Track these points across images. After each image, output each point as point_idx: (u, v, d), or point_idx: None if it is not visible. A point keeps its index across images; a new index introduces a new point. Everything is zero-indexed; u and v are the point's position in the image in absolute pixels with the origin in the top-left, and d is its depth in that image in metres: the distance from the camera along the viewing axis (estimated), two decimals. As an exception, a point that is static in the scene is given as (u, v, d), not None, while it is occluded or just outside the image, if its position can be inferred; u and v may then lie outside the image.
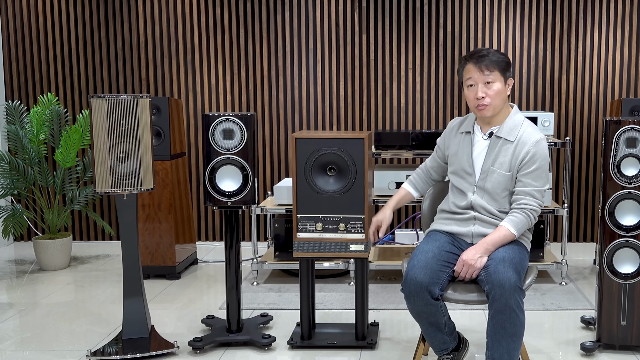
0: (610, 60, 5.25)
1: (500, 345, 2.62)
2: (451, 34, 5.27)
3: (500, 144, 2.82)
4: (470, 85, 2.82)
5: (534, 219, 2.80)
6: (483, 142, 2.87)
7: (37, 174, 4.76)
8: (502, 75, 2.81)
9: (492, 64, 2.79)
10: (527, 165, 2.78)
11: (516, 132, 2.82)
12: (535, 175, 2.79)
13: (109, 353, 3.17)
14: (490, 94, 2.79)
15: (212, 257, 5.08)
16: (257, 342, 3.34)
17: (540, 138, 2.81)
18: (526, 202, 2.78)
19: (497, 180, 2.81)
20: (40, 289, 4.35)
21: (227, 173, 3.28)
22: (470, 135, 2.89)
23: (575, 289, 4.21)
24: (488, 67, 2.78)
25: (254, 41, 5.35)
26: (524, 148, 2.78)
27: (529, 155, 2.78)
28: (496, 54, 2.82)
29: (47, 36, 5.40)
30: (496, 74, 2.79)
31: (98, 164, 3.09)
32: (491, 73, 2.79)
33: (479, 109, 2.82)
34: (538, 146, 2.79)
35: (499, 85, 2.80)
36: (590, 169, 5.38)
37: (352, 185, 3.14)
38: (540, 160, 2.79)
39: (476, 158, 2.86)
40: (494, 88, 2.79)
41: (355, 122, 5.38)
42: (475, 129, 2.90)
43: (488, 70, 2.78)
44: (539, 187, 2.79)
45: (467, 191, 2.86)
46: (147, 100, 3.15)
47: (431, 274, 2.68)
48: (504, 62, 2.82)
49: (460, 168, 2.89)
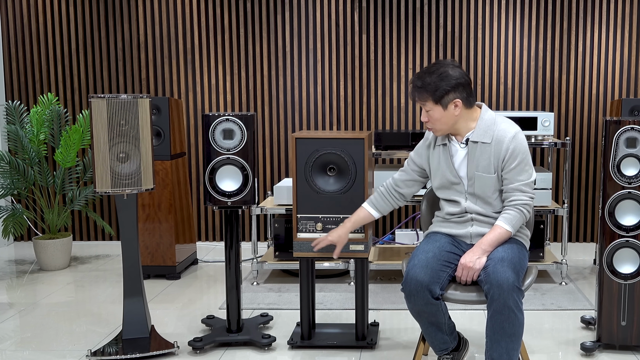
0: (610, 60, 5.25)
1: (499, 345, 2.62)
2: (451, 34, 5.27)
3: (478, 148, 2.81)
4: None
5: (527, 212, 2.80)
6: (462, 151, 2.85)
7: (37, 174, 4.76)
8: (438, 104, 2.75)
9: (423, 95, 2.75)
10: (509, 162, 2.77)
11: (491, 133, 2.80)
12: (519, 170, 2.78)
13: (109, 353, 3.17)
14: (432, 119, 2.79)
15: (212, 257, 5.08)
16: (257, 342, 3.34)
17: (515, 132, 2.79)
18: (516, 198, 2.78)
19: (485, 183, 2.80)
20: (40, 289, 4.35)
21: (227, 173, 3.28)
22: (448, 147, 2.87)
23: (575, 289, 4.21)
24: (420, 99, 2.77)
25: (254, 41, 5.35)
26: (502, 146, 2.77)
27: (509, 152, 2.77)
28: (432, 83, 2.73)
29: (47, 36, 5.40)
30: (429, 104, 2.76)
31: (98, 164, 3.09)
32: (425, 102, 2.76)
33: (429, 130, 2.86)
34: (515, 141, 2.77)
35: (437, 113, 2.76)
36: (590, 169, 5.38)
37: (352, 185, 3.14)
38: (521, 154, 2.78)
39: (459, 167, 2.85)
40: (434, 115, 2.77)
41: (355, 122, 5.38)
42: (450, 141, 2.88)
43: (421, 101, 2.77)
44: (525, 181, 2.79)
45: (460, 199, 2.86)
46: (147, 100, 3.15)
47: (432, 273, 2.68)
48: (440, 91, 2.72)
49: (446, 180, 2.87)
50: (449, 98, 2.74)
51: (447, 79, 2.73)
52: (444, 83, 2.73)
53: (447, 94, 2.74)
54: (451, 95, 2.74)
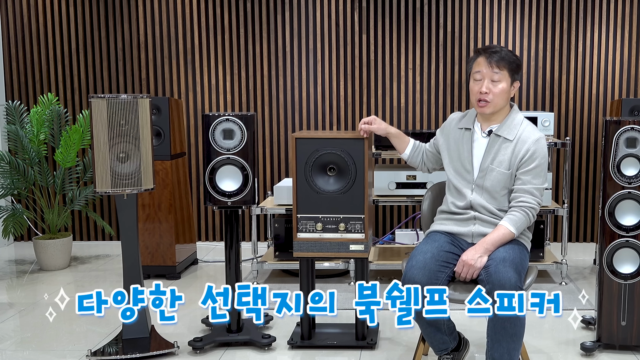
0: (610, 60, 5.25)
1: (500, 345, 2.62)
2: (451, 34, 5.27)
3: (499, 142, 2.82)
4: (477, 79, 2.82)
5: (532, 217, 2.80)
6: (482, 140, 2.86)
7: (37, 174, 4.76)
8: (510, 76, 2.80)
9: (502, 62, 2.78)
10: (526, 162, 2.78)
11: (515, 131, 2.81)
12: (535, 173, 2.79)
13: (109, 353, 3.17)
14: (494, 91, 2.78)
15: (212, 257, 5.08)
16: (257, 342, 3.34)
17: (540, 137, 2.81)
18: (525, 199, 2.78)
19: (497, 178, 2.81)
20: (40, 289, 4.35)
21: (227, 173, 3.28)
22: (470, 132, 2.88)
23: (575, 289, 4.21)
24: (498, 65, 2.78)
25: (254, 41, 5.35)
26: (524, 146, 2.78)
27: (529, 153, 2.78)
28: (509, 54, 2.81)
29: (47, 36, 5.40)
30: (504, 73, 2.79)
31: (98, 164, 3.09)
32: (500, 71, 2.78)
33: (479, 105, 2.81)
34: (538, 144, 2.79)
35: (505, 84, 2.79)
36: (590, 169, 5.38)
37: (352, 185, 3.14)
38: (540, 158, 2.79)
39: (475, 156, 2.86)
40: (499, 86, 2.79)
41: (355, 122, 5.37)
42: (475, 126, 2.89)
43: (497, 68, 2.78)
44: (538, 185, 2.79)
45: (466, 190, 2.85)
46: (147, 100, 3.15)
47: (429, 274, 2.68)
48: (514, 64, 2.81)
49: (460, 164, 2.88)
50: (517, 77, 2.83)
51: (518, 59, 2.85)
52: (517, 60, 2.83)
53: (518, 71, 2.83)
54: (518, 75, 2.83)
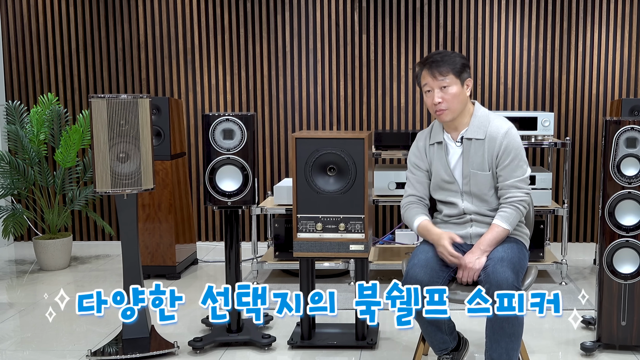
0: (610, 60, 5.25)
1: (499, 345, 2.62)
2: (451, 34, 5.27)
3: (472, 145, 2.81)
4: (427, 91, 2.81)
5: (523, 208, 2.80)
6: (457, 149, 2.85)
7: (37, 174, 4.76)
8: (458, 78, 2.77)
9: (444, 67, 2.75)
10: (502, 158, 2.78)
11: (484, 129, 2.80)
12: (513, 166, 2.78)
13: (109, 353, 3.17)
14: (446, 99, 2.76)
15: (212, 257, 5.08)
16: (257, 342, 3.34)
17: (508, 127, 2.80)
18: (512, 194, 2.78)
19: (481, 181, 2.81)
20: (40, 289, 4.35)
21: (227, 173, 3.28)
22: (443, 145, 2.87)
23: (575, 289, 4.21)
24: (441, 72, 2.75)
25: (254, 41, 5.35)
26: (496, 143, 2.78)
27: (502, 149, 2.77)
28: (451, 57, 2.79)
29: (47, 36, 5.40)
30: (450, 77, 2.76)
31: (98, 164, 3.09)
32: (445, 77, 2.75)
33: (437, 114, 2.81)
34: (508, 136, 2.78)
35: (455, 88, 2.77)
36: (590, 169, 5.38)
37: (352, 185, 3.14)
38: (515, 150, 2.78)
39: (454, 167, 2.85)
40: (450, 92, 2.76)
41: (355, 122, 5.38)
42: (445, 138, 2.88)
43: (442, 76, 2.75)
44: (520, 177, 2.79)
45: (456, 199, 2.85)
46: (147, 100, 3.15)
47: (431, 272, 2.68)
48: (459, 64, 2.77)
49: (440, 179, 2.87)
50: (466, 75, 2.79)
51: (461, 57, 2.82)
52: (460, 59, 2.80)
53: (465, 69, 2.79)
54: (466, 73, 2.80)
